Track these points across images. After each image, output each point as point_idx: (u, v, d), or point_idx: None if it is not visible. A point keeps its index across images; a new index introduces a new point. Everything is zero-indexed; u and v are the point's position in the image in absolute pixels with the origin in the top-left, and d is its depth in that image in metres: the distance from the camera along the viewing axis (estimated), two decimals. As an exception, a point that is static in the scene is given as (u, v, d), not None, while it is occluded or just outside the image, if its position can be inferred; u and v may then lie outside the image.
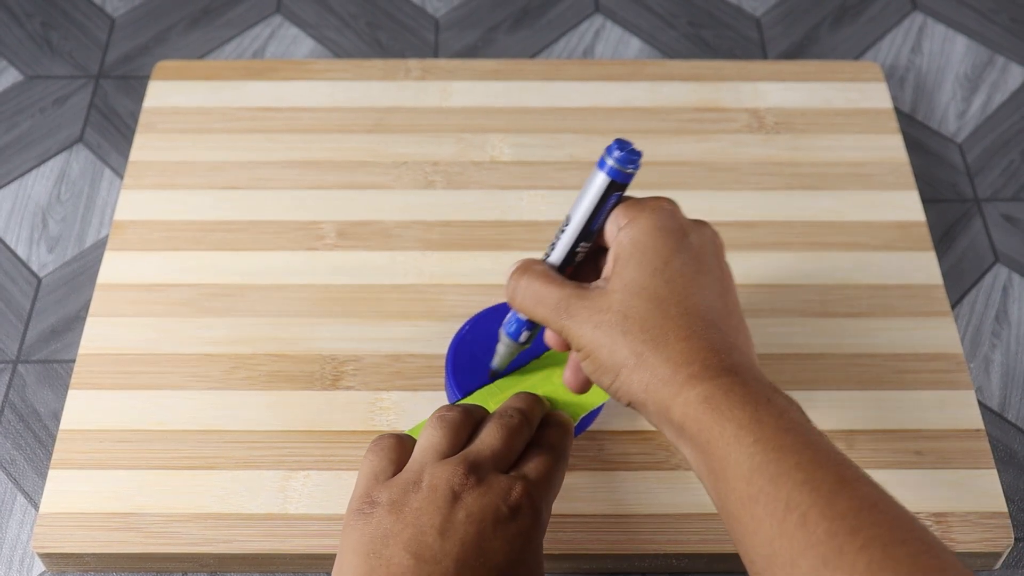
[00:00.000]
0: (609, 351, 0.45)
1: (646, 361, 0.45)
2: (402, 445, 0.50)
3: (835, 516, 0.38)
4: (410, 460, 0.49)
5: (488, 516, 0.46)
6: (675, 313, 0.45)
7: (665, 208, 0.47)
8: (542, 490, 0.49)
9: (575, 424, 0.55)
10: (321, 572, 0.56)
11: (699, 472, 0.44)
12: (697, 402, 0.43)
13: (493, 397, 0.56)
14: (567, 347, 0.50)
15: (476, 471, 0.47)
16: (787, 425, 0.42)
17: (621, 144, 0.47)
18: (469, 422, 0.51)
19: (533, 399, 0.54)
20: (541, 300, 0.48)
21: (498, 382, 0.57)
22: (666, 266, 0.46)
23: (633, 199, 0.49)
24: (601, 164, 0.47)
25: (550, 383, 0.56)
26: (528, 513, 0.47)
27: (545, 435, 0.52)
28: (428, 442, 0.49)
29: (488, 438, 0.50)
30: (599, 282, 0.47)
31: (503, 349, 0.55)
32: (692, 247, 0.47)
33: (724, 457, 0.42)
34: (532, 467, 0.49)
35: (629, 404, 0.46)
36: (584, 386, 0.52)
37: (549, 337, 0.51)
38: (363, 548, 0.45)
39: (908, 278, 0.65)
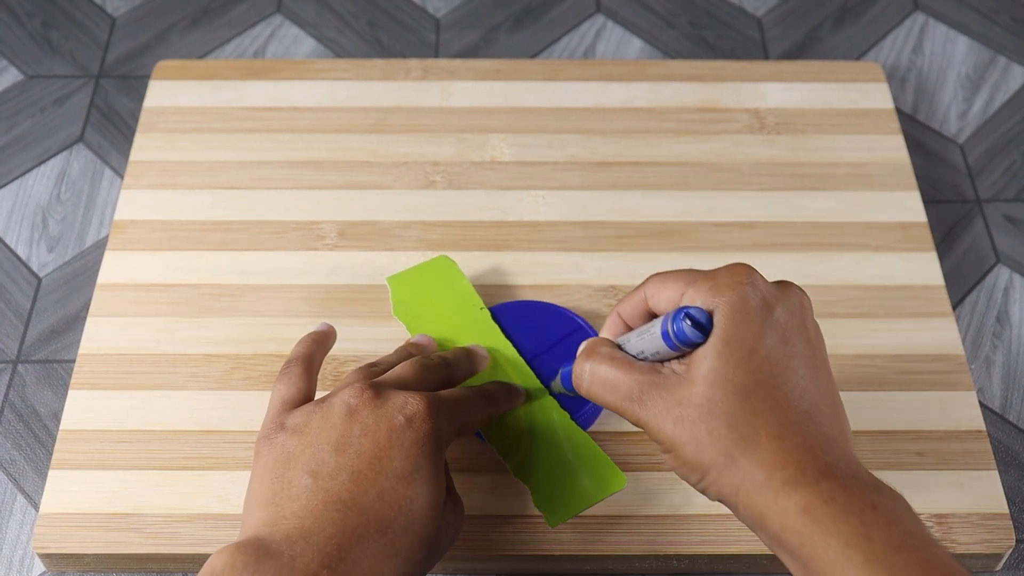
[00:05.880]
0: (695, 450, 0.42)
1: (736, 463, 0.42)
2: (308, 373, 0.51)
3: None
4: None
5: (383, 427, 0.46)
6: (763, 408, 0.42)
7: (746, 284, 0.43)
8: (444, 406, 0.48)
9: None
10: (321, 573, 0.56)
11: None
12: (796, 513, 0.40)
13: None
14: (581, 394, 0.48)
15: (376, 388, 0.48)
16: (899, 539, 0.39)
17: (689, 315, 0.43)
18: (385, 365, 0.52)
19: (476, 356, 0.56)
20: (612, 387, 0.45)
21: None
22: (751, 355, 0.42)
23: (710, 277, 0.44)
24: (664, 333, 0.44)
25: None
26: (423, 421, 0.47)
27: (484, 386, 0.54)
28: (344, 380, 0.51)
29: (399, 368, 0.51)
30: (677, 367, 0.44)
31: (557, 387, 0.54)
32: (778, 326, 0.43)
33: (831, 574, 0.39)
34: (443, 392, 0.50)
35: (718, 500, 0.44)
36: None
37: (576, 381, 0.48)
38: (268, 473, 0.46)
39: (909, 279, 0.65)
